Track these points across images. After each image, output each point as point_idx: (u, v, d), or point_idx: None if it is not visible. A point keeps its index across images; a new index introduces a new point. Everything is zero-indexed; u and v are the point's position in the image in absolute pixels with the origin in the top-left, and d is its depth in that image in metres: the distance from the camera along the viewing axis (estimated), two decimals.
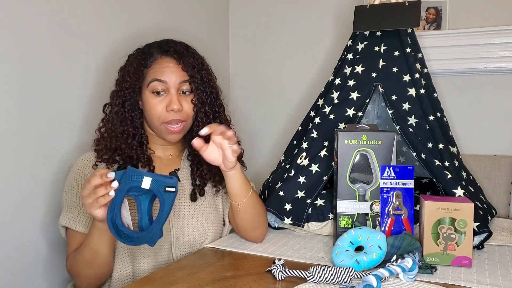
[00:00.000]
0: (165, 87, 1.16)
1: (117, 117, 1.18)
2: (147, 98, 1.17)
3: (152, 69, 1.17)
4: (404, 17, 1.40)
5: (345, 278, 0.93)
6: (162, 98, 1.16)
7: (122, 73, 1.21)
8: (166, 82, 1.16)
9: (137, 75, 1.17)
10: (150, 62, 1.18)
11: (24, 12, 1.24)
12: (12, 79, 1.22)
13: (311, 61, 2.02)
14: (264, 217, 1.26)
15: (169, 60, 1.18)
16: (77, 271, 1.09)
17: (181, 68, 1.18)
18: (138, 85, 1.17)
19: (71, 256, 1.11)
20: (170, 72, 1.16)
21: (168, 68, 1.17)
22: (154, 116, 1.17)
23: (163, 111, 1.16)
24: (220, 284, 0.94)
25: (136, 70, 1.17)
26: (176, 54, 1.19)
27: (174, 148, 1.27)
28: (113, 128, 1.18)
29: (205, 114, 1.21)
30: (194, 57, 1.21)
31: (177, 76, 1.17)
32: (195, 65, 1.20)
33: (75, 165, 1.17)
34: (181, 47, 1.21)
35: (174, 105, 1.15)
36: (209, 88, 1.22)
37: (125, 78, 1.18)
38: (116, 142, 1.16)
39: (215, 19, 2.09)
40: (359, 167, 1.18)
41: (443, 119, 1.44)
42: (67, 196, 1.15)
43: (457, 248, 1.05)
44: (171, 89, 1.16)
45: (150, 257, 1.15)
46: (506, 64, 1.70)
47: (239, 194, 1.17)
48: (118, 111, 1.18)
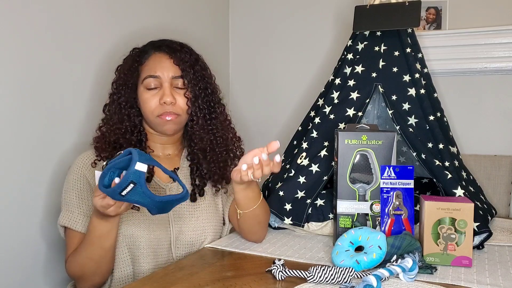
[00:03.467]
0: (158, 82, 1.17)
1: (115, 114, 1.19)
2: (141, 93, 1.18)
3: (146, 65, 1.19)
4: (404, 17, 1.40)
5: (345, 278, 0.93)
6: (155, 93, 1.17)
7: (118, 72, 1.23)
8: (159, 77, 1.17)
9: (131, 71, 1.19)
10: (144, 59, 1.20)
11: (24, 12, 1.24)
12: (11, 79, 1.22)
13: (311, 61, 2.02)
14: (266, 222, 1.25)
15: (161, 55, 1.19)
16: (83, 273, 1.08)
17: (173, 62, 1.19)
18: (132, 81, 1.19)
19: (72, 259, 1.10)
20: (163, 67, 1.18)
21: (161, 63, 1.18)
22: (148, 110, 1.17)
23: (156, 105, 1.17)
24: (220, 284, 0.94)
25: (130, 67, 1.19)
26: (168, 49, 1.20)
27: (173, 147, 1.27)
28: (111, 123, 1.19)
29: (199, 109, 1.21)
30: (187, 53, 1.22)
31: (169, 70, 1.18)
32: (188, 60, 1.20)
33: (73, 165, 1.17)
34: (175, 44, 1.23)
35: (167, 98, 1.16)
36: (203, 84, 1.22)
37: (121, 76, 1.21)
38: (115, 136, 1.17)
39: (215, 19, 2.09)
40: (359, 167, 1.18)
41: (443, 119, 1.44)
42: (66, 195, 1.15)
43: (457, 248, 1.05)
44: (164, 83, 1.17)
45: (150, 257, 1.15)
46: (506, 64, 1.70)
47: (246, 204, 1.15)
48: (116, 107, 1.19)
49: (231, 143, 1.26)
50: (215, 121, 1.24)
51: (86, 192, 1.14)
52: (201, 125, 1.22)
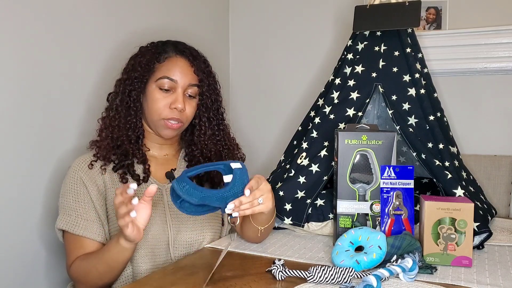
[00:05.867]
0: (173, 86, 1.17)
1: (121, 106, 1.18)
2: (152, 91, 1.17)
3: (164, 65, 1.18)
4: (404, 17, 1.40)
5: (345, 278, 0.93)
6: (167, 95, 1.17)
7: (132, 62, 1.21)
8: (176, 81, 1.17)
9: (148, 67, 1.17)
10: (163, 58, 1.19)
11: (24, 12, 1.24)
12: (11, 80, 1.22)
13: (311, 61, 2.02)
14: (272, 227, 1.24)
15: (183, 60, 1.19)
16: (86, 280, 1.08)
17: (193, 71, 1.19)
18: (147, 76, 1.18)
19: (78, 264, 1.09)
20: (182, 73, 1.17)
21: (181, 69, 1.18)
22: (155, 110, 1.17)
23: (165, 108, 1.16)
24: (220, 284, 0.94)
25: (148, 62, 1.18)
26: (191, 56, 1.20)
27: (171, 148, 1.27)
28: (117, 117, 1.18)
29: (208, 120, 1.23)
30: (205, 63, 1.23)
31: (188, 77, 1.18)
32: (206, 71, 1.21)
33: (70, 168, 1.16)
34: (195, 51, 1.23)
35: (179, 104, 1.16)
36: (214, 96, 1.24)
37: (136, 67, 1.18)
38: (118, 131, 1.17)
39: (215, 19, 2.09)
40: (359, 167, 1.18)
41: (443, 119, 1.44)
42: (63, 199, 1.15)
43: (457, 248, 1.05)
44: (178, 89, 1.17)
45: (148, 257, 1.14)
46: (506, 64, 1.70)
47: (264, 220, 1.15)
48: (123, 99, 1.18)
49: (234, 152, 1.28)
50: (222, 133, 1.26)
51: (83, 195, 1.13)
52: (209, 136, 1.24)
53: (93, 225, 1.11)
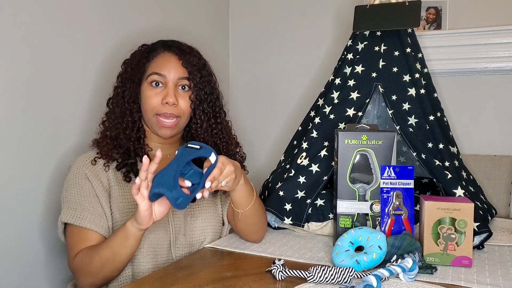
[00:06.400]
0: (163, 81, 1.18)
1: (117, 107, 1.20)
2: (144, 90, 1.19)
3: (153, 62, 1.19)
4: (404, 17, 1.40)
5: (345, 278, 0.93)
6: (159, 91, 1.18)
7: (124, 66, 1.23)
8: (164, 76, 1.17)
9: (138, 67, 1.19)
10: (152, 56, 1.20)
11: (24, 13, 1.24)
12: (12, 79, 1.22)
13: (311, 61, 2.02)
14: (264, 219, 1.26)
15: (170, 55, 1.20)
16: (87, 270, 1.07)
17: (181, 64, 1.19)
18: (137, 76, 1.19)
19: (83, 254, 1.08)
20: (170, 67, 1.18)
21: (169, 63, 1.18)
22: (148, 107, 1.17)
23: (158, 103, 1.17)
24: (220, 284, 0.94)
25: (138, 62, 1.19)
26: (178, 50, 1.20)
27: (172, 148, 1.27)
28: (113, 117, 1.19)
29: (203, 112, 1.22)
30: (196, 57, 1.23)
31: (177, 71, 1.18)
32: (196, 64, 1.21)
33: (73, 165, 1.17)
34: (185, 46, 1.23)
35: (170, 98, 1.16)
36: (208, 88, 1.23)
37: (127, 70, 1.21)
38: (116, 131, 1.18)
39: (215, 19, 2.09)
40: (359, 167, 1.18)
41: (443, 119, 1.44)
42: (67, 193, 1.14)
43: (457, 248, 1.05)
44: (169, 83, 1.18)
45: (149, 257, 1.14)
46: (506, 64, 1.70)
47: (243, 203, 1.16)
48: (119, 101, 1.20)
49: (232, 149, 1.27)
50: (220, 126, 1.25)
51: (88, 189, 1.13)
52: (205, 129, 1.23)
53: (99, 218, 1.11)
